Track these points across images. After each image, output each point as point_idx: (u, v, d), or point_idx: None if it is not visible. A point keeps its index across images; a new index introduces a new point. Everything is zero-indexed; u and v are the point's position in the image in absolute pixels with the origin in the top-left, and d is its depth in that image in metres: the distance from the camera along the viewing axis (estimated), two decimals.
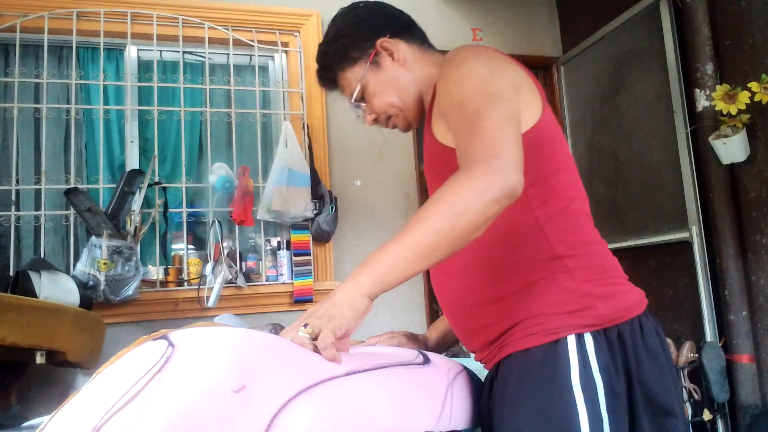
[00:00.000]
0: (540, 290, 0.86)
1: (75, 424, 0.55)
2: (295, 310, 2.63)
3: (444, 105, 0.92)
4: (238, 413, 0.56)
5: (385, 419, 0.70)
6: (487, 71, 0.88)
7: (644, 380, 0.83)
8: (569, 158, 0.98)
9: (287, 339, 0.72)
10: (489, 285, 0.91)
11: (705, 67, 2.37)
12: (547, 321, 0.84)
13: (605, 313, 0.83)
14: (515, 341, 0.86)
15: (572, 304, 0.84)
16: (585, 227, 0.92)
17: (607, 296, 0.85)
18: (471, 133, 0.80)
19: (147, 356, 0.60)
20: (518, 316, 0.87)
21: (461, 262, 0.93)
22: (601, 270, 0.88)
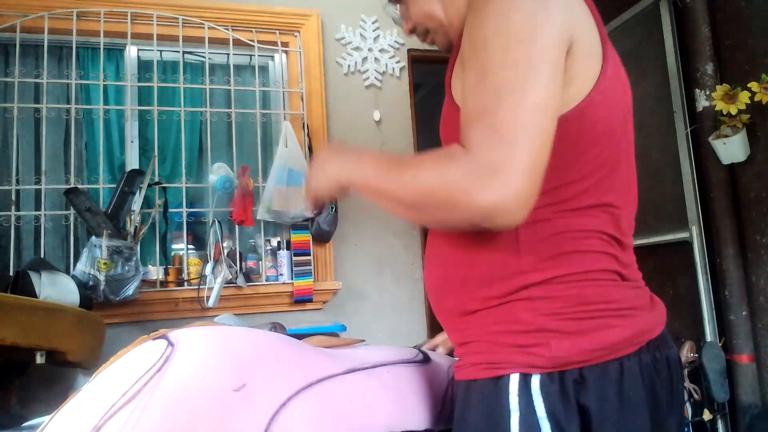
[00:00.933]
0: (495, 314, 0.72)
1: (76, 424, 0.55)
2: (295, 310, 2.63)
3: (465, 54, 0.70)
4: (238, 411, 0.56)
5: (386, 417, 0.70)
6: (526, 18, 0.64)
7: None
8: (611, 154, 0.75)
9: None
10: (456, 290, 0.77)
11: (705, 67, 2.37)
12: (492, 351, 0.71)
13: (560, 353, 0.67)
14: (462, 367, 0.75)
15: (522, 337, 0.69)
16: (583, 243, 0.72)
17: (570, 333, 0.67)
18: (482, 116, 0.62)
19: (147, 356, 0.60)
20: (470, 334, 0.75)
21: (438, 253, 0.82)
22: (577, 302, 0.69)
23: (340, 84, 2.90)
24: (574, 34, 0.68)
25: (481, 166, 0.59)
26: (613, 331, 0.69)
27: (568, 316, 0.69)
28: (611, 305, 0.71)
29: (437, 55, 3.17)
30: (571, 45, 0.67)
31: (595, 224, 0.73)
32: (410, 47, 3.07)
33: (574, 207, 0.71)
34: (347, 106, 2.90)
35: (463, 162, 0.61)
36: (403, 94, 3.02)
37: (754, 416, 2.21)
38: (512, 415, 0.67)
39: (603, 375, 0.67)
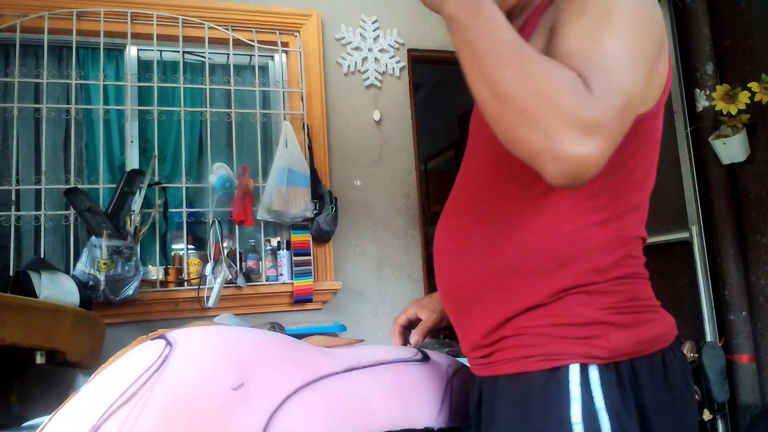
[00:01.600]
0: (549, 308, 0.71)
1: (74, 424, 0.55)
2: (295, 310, 2.63)
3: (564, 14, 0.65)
4: (236, 410, 0.56)
5: (385, 415, 0.70)
6: (643, 7, 0.64)
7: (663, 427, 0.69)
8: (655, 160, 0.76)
9: None
10: (497, 285, 0.74)
11: (705, 67, 2.37)
12: (547, 343, 0.70)
13: (619, 344, 0.68)
14: (506, 361, 0.73)
15: (582, 329, 0.69)
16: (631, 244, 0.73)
17: (625, 326, 0.69)
18: (610, 67, 0.58)
19: (145, 355, 0.60)
20: (513, 330, 0.73)
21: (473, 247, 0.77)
22: (629, 297, 0.71)
23: (340, 84, 2.91)
24: (662, 43, 0.68)
25: (594, 112, 0.55)
26: (655, 325, 0.72)
27: (621, 310, 0.70)
28: (649, 301, 0.74)
29: (437, 55, 3.17)
30: (662, 47, 0.67)
31: (637, 227, 0.74)
32: (410, 47, 3.07)
33: (625, 209, 0.72)
34: (347, 106, 2.90)
35: (582, 95, 0.56)
36: (403, 94, 3.02)
37: (754, 416, 2.21)
38: (573, 404, 0.66)
39: (651, 366, 0.70)
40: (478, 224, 0.77)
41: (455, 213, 0.83)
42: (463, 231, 0.79)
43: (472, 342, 0.80)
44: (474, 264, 0.77)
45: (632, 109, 0.60)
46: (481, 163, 0.80)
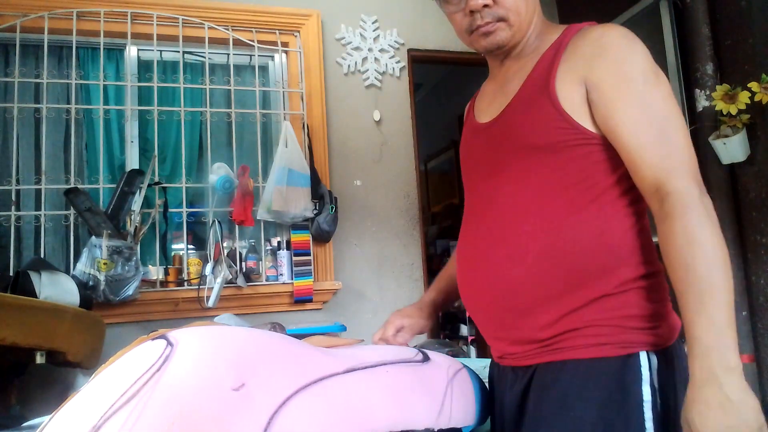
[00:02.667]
0: (614, 301, 0.82)
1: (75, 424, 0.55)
2: (295, 310, 2.63)
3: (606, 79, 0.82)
4: (237, 411, 0.56)
5: (385, 416, 0.70)
6: (661, 72, 0.84)
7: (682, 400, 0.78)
8: None
9: None
10: (560, 282, 0.83)
11: (705, 67, 2.37)
12: (620, 333, 0.81)
13: (665, 333, 0.83)
14: (578, 348, 0.82)
15: (645, 320, 0.82)
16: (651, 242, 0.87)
17: (664, 316, 0.83)
18: (664, 142, 0.79)
19: (146, 355, 0.60)
20: (582, 321, 0.82)
21: (542, 249, 0.84)
22: (664, 291, 0.86)
23: (340, 84, 2.91)
24: None
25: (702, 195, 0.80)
26: (675, 315, 0.86)
27: (662, 303, 0.84)
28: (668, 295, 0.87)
29: (437, 55, 3.17)
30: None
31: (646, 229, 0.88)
32: (410, 47, 3.07)
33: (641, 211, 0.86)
34: (347, 106, 2.90)
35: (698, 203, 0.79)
36: (403, 94, 3.02)
37: None
38: (644, 385, 0.78)
39: (678, 349, 0.83)
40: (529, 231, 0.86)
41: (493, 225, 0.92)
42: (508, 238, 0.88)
43: (524, 335, 0.87)
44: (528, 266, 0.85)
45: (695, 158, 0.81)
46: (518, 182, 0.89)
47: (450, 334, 4.65)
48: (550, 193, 0.85)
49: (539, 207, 0.85)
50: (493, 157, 0.93)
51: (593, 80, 0.82)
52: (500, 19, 0.92)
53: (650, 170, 0.78)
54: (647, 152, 0.79)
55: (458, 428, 0.88)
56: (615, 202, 0.84)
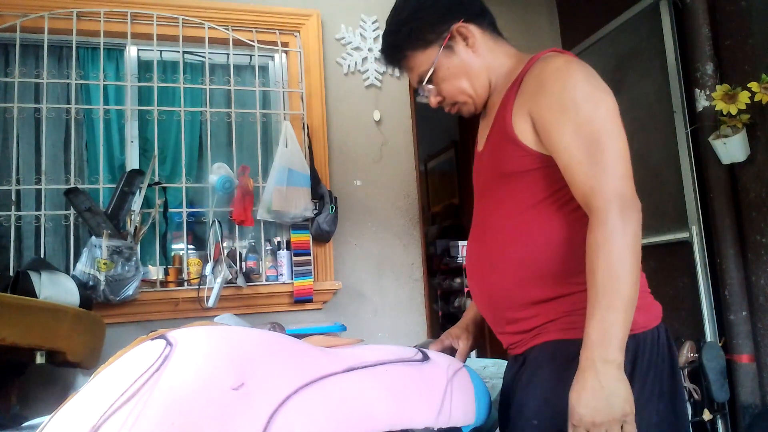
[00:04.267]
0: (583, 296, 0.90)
1: (75, 424, 0.55)
2: (295, 310, 2.63)
3: (545, 108, 0.94)
4: (237, 410, 0.56)
5: (385, 415, 0.70)
6: (600, 90, 0.93)
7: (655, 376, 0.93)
8: None
9: None
10: (537, 285, 0.98)
11: (705, 67, 2.36)
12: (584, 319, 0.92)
13: (641, 321, 0.93)
14: (553, 331, 0.97)
15: None
16: None
17: (640, 307, 0.89)
18: (594, 161, 0.88)
19: (146, 355, 0.60)
20: (557, 313, 0.97)
21: (517, 258, 0.99)
22: (642, 285, 0.95)
23: (340, 84, 2.90)
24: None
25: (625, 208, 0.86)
26: (654, 307, 0.99)
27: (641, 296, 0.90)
28: (647, 286, 1.00)
29: None
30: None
31: None
32: None
33: None
34: (347, 106, 2.90)
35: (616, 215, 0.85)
36: (403, 94, 3.02)
37: (754, 416, 2.21)
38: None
39: (653, 337, 0.95)
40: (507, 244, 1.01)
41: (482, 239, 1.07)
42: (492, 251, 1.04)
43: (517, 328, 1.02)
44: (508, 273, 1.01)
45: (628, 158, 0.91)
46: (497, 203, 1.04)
47: None
48: (522, 210, 0.99)
49: (514, 223, 1.00)
50: (483, 182, 1.10)
51: (535, 113, 0.95)
52: (454, 103, 1.10)
53: (580, 189, 0.90)
54: (577, 173, 0.90)
55: (458, 427, 0.88)
56: (578, 210, 0.94)
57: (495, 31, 1.11)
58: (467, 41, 1.05)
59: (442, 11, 1.06)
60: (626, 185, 0.88)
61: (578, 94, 0.91)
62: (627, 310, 0.83)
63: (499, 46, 1.09)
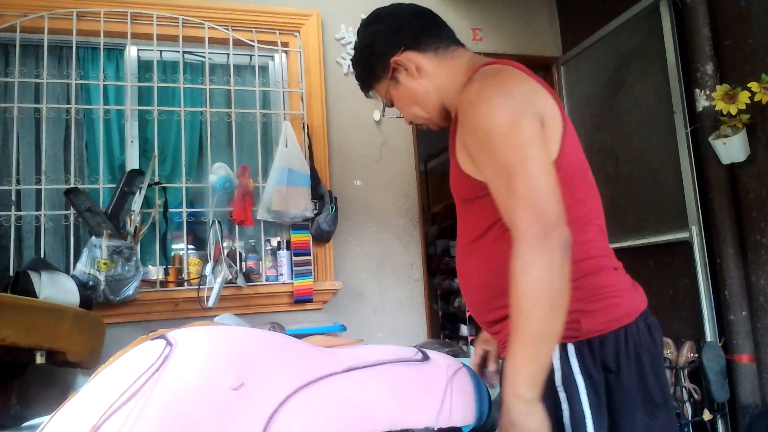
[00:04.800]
0: None
1: (75, 424, 0.55)
2: (295, 310, 2.63)
3: (469, 142, 0.95)
4: (236, 410, 0.56)
5: (385, 415, 0.70)
6: (512, 113, 0.89)
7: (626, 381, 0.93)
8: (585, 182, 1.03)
9: None
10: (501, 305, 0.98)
11: (705, 67, 2.36)
12: None
13: (587, 326, 0.93)
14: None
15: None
16: (590, 250, 0.98)
17: (589, 312, 0.94)
18: (510, 192, 0.87)
19: (146, 355, 0.60)
20: None
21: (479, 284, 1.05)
22: (592, 289, 0.96)
23: (340, 84, 2.91)
24: (543, 113, 0.93)
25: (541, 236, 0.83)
26: (616, 308, 0.96)
27: (589, 299, 0.94)
28: (610, 288, 0.98)
29: None
30: (542, 120, 0.92)
31: (593, 235, 1.00)
32: None
33: (580, 225, 0.96)
34: (347, 106, 2.90)
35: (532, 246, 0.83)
36: None
37: (754, 416, 2.21)
38: (556, 373, 0.93)
39: (615, 338, 0.94)
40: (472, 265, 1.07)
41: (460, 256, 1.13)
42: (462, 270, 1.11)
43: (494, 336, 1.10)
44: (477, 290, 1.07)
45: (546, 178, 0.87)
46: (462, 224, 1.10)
47: (450, 334, 4.65)
48: (479, 234, 1.03)
49: (474, 248, 1.05)
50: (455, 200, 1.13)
51: (464, 144, 0.98)
52: (411, 122, 1.18)
53: (504, 217, 0.91)
54: (500, 203, 0.91)
55: (458, 427, 0.88)
56: None
57: (443, 45, 1.10)
58: (407, 70, 1.09)
59: (383, 47, 1.10)
60: (540, 214, 0.84)
61: (492, 124, 0.89)
62: (536, 345, 0.83)
63: (445, 62, 1.09)
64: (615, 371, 0.92)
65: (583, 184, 1.01)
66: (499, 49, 3.25)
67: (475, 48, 3.21)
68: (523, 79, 0.96)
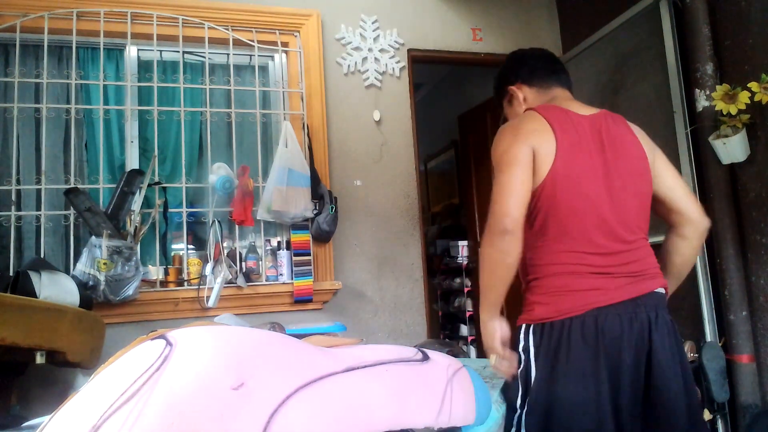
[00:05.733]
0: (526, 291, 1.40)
1: (75, 423, 0.55)
2: (295, 310, 2.63)
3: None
4: (237, 410, 0.56)
5: (385, 415, 0.70)
6: (507, 145, 1.32)
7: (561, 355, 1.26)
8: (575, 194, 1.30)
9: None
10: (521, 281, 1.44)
11: (705, 67, 2.36)
12: (522, 313, 1.38)
13: (539, 314, 1.32)
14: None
15: (527, 307, 1.37)
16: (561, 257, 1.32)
17: (543, 304, 1.32)
18: (492, 198, 1.31)
19: (146, 355, 0.60)
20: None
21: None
22: (548, 287, 1.32)
23: (340, 84, 2.91)
24: (535, 146, 1.30)
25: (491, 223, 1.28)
26: (563, 304, 1.29)
27: (544, 295, 1.33)
28: (567, 288, 1.30)
29: (437, 55, 3.17)
30: (535, 151, 1.30)
31: (573, 246, 1.31)
32: (410, 47, 3.07)
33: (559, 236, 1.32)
34: (347, 106, 2.90)
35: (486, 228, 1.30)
36: (403, 94, 3.02)
37: (754, 416, 2.21)
38: (520, 343, 1.34)
39: (561, 325, 1.28)
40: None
41: None
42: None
43: None
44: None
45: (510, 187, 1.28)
46: None
47: (450, 334, 4.65)
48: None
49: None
50: None
51: None
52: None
53: None
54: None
55: (458, 427, 0.88)
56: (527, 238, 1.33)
57: (545, 82, 1.52)
58: (518, 97, 1.54)
59: (506, 77, 1.58)
60: (496, 213, 1.27)
61: (495, 151, 1.36)
62: (485, 292, 1.32)
63: (542, 94, 1.51)
64: (557, 347, 1.27)
65: (571, 197, 1.29)
66: (499, 49, 3.25)
67: (474, 48, 3.22)
68: (532, 121, 1.35)
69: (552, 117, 1.33)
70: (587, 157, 1.31)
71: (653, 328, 1.27)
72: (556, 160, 1.27)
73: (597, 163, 1.32)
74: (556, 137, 1.29)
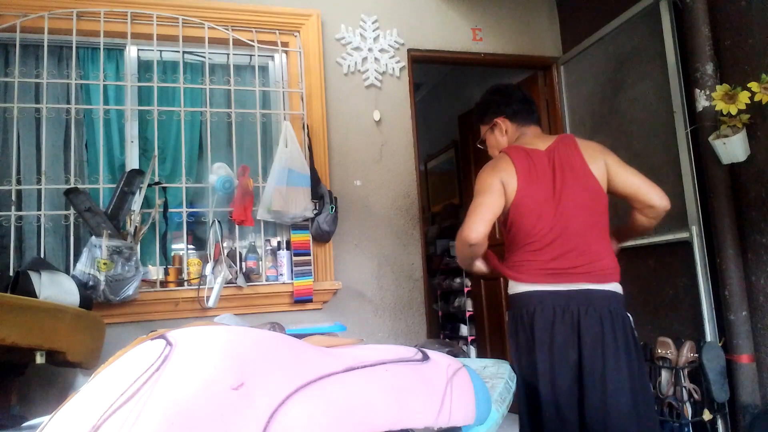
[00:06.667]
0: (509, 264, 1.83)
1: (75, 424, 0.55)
2: (295, 310, 2.63)
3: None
4: (237, 410, 0.56)
5: (385, 415, 0.70)
6: (485, 176, 1.76)
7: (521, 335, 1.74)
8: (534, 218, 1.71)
9: None
10: None
11: (705, 67, 2.36)
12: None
13: (508, 306, 1.79)
14: None
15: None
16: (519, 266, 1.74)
17: (509, 299, 1.79)
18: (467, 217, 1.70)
19: (145, 355, 0.60)
20: None
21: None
22: (510, 288, 1.79)
23: (340, 84, 2.91)
24: (503, 179, 1.73)
25: (461, 229, 1.68)
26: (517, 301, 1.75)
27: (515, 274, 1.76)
28: (518, 290, 1.75)
29: (437, 55, 3.17)
30: (504, 183, 1.73)
31: (530, 256, 1.72)
32: (410, 47, 3.07)
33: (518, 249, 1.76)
34: (347, 106, 2.90)
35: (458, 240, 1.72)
36: (403, 94, 3.02)
37: (754, 416, 2.21)
38: (509, 323, 1.80)
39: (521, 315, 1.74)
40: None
41: None
42: None
43: None
44: None
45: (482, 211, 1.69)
46: None
47: (450, 334, 4.65)
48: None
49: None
50: None
51: None
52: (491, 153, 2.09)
53: None
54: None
55: (458, 427, 0.88)
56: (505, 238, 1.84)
57: (526, 119, 1.90)
58: (501, 130, 1.93)
59: (493, 108, 1.94)
60: (464, 228, 1.66)
61: (477, 180, 1.78)
62: (461, 262, 1.84)
63: (517, 131, 1.90)
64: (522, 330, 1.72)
65: (531, 220, 1.70)
66: (499, 49, 3.25)
67: (475, 48, 3.22)
68: (504, 161, 1.77)
69: (516, 158, 1.75)
70: (541, 184, 1.71)
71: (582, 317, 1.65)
72: (518, 189, 1.71)
73: (548, 187, 1.71)
74: (517, 173, 1.72)
